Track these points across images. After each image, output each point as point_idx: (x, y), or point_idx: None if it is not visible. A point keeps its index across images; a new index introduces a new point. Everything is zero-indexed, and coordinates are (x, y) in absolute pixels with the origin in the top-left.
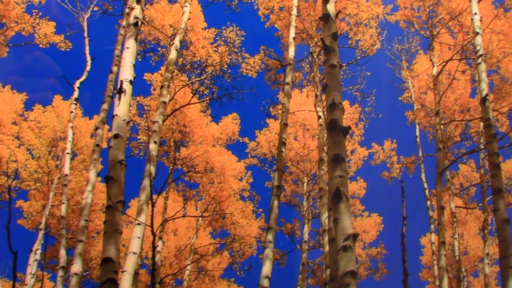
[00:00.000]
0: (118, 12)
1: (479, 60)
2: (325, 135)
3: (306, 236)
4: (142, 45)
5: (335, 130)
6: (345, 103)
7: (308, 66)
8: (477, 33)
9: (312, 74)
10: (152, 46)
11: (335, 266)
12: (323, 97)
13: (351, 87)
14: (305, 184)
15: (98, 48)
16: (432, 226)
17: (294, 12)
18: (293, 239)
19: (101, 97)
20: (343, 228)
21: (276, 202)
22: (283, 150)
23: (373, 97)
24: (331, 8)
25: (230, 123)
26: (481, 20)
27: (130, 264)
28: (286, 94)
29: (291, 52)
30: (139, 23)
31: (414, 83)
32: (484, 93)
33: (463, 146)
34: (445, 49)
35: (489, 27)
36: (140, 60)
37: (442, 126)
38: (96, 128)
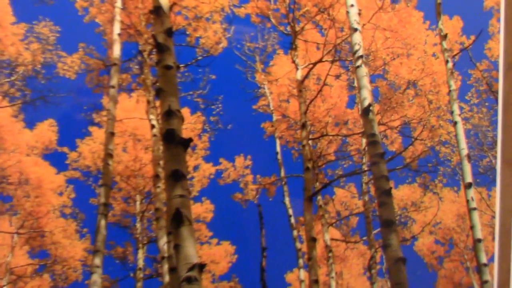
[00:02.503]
0: None
1: (359, 62)
2: (161, 147)
3: (141, 263)
4: None
5: (173, 142)
6: (185, 111)
7: (137, 67)
8: (355, 30)
9: (143, 76)
10: None
11: None
12: (157, 103)
13: (191, 92)
14: (138, 203)
15: None
16: (301, 261)
17: (119, 4)
18: (125, 265)
19: None
20: (186, 257)
21: (103, 222)
22: (110, 163)
23: (220, 105)
24: None
25: (46, 130)
26: (360, 14)
27: None
28: (112, 98)
29: (116, 50)
30: None
31: (272, 88)
32: (367, 102)
33: (340, 167)
34: (312, 49)
35: (372, 22)
36: None
37: (310, 142)
38: None
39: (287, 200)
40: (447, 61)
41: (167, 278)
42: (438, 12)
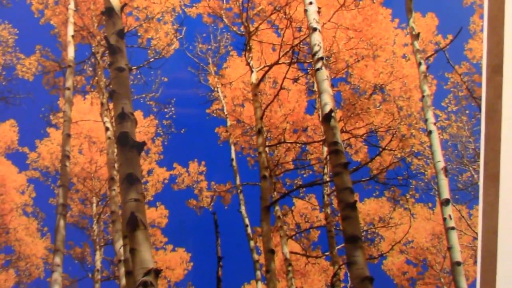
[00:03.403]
0: None
1: (319, 64)
2: (116, 150)
3: (98, 265)
4: None
5: (127, 145)
6: (138, 114)
7: (91, 69)
8: (314, 29)
9: (97, 78)
10: None
11: None
12: (111, 105)
13: (144, 95)
14: (94, 205)
15: None
16: (259, 273)
17: (72, 6)
18: (84, 265)
19: None
20: (142, 261)
21: (62, 222)
22: (67, 164)
23: (172, 108)
24: (115, 0)
25: (8, 130)
26: (319, 12)
27: None
28: (68, 100)
29: (70, 52)
30: None
31: (226, 92)
32: (328, 108)
33: (299, 176)
34: (267, 50)
35: (333, 21)
36: None
37: (267, 149)
38: None
39: (243, 209)
40: (419, 63)
41: (123, 281)
42: (409, 8)
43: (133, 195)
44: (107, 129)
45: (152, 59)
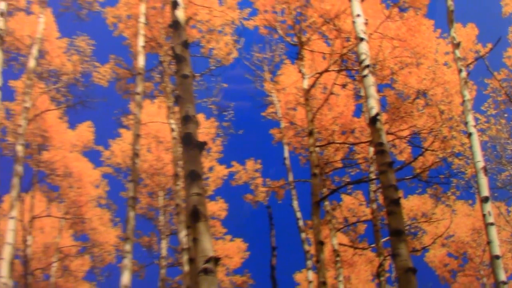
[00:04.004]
0: None
1: (365, 71)
2: (180, 149)
3: (164, 252)
4: (6, 53)
5: (190, 144)
6: (200, 116)
7: (159, 76)
8: (362, 39)
9: (164, 84)
10: (14, 55)
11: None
12: (176, 109)
13: (206, 100)
14: (161, 198)
15: None
16: (309, 262)
17: (142, 19)
18: (150, 253)
19: None
20: (203, 250)
21: (132, 213)
22: (137, 161)
23: (231, 111)
24: (180, 14)
25: (85, 131)
26: (366, 23)
27: (7, 253)
28: (138, 104)
29: (141, 61)
30: (3, 34)
31: (280, 97)
32: (374, 111)
33: (347, 174)
34: (318, 59)
35: (379, 32)
36: (6, 68)
37: (317, 149)
38: None
39: (295, 203)
40: (460, 70)
41: (186, 268)
42: (451, 19)
43: (195, 190)
44: (172, 130)
45: (213, 67)
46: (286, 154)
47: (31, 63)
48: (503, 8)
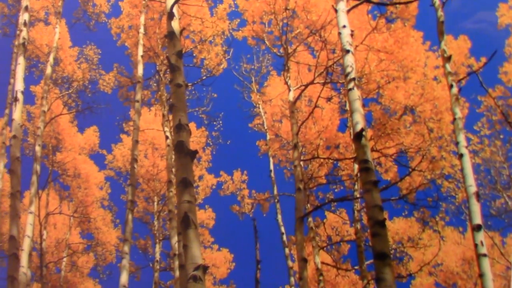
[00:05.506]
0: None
1: (351, 85)
2: (173, 156)
3: (157, 256)
4: (28, 61)
5: (182, 152)
6: (192, 125)
7: (155, 84)
8: (347, 51)
9: (159, 92)
10: (34, 62)
11: None
12: (170, 117)
13: (197, 109)
14: (155, 203)
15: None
16: (293, 279)
17: (142, 30)
18: (146, 256)
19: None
20: (192, 257)
21: (130, 216)
22: (135, 166)
23: (220, 121)
24: (175, 25)
25: (92, 135)
26: (352, 35)
27: (26, 245)
28: (137, 111)
29: (140, 70)
30: (26, 43)
31: (266, 108)
32: (359, 127)
33: (331, 191)
34: (304, 70)
35: (365, 44)
36: (27, 74)
37: (302, 163)
38: (2, 129)
39: (279, 217)
40: (451, 86)
41: (177, 273)
42: (441, 31)
43: (186, 197)
44: (167, 137)
45: (205, 77)
46: (271, 166)
47: (48, 70)
48: (498, 19)
